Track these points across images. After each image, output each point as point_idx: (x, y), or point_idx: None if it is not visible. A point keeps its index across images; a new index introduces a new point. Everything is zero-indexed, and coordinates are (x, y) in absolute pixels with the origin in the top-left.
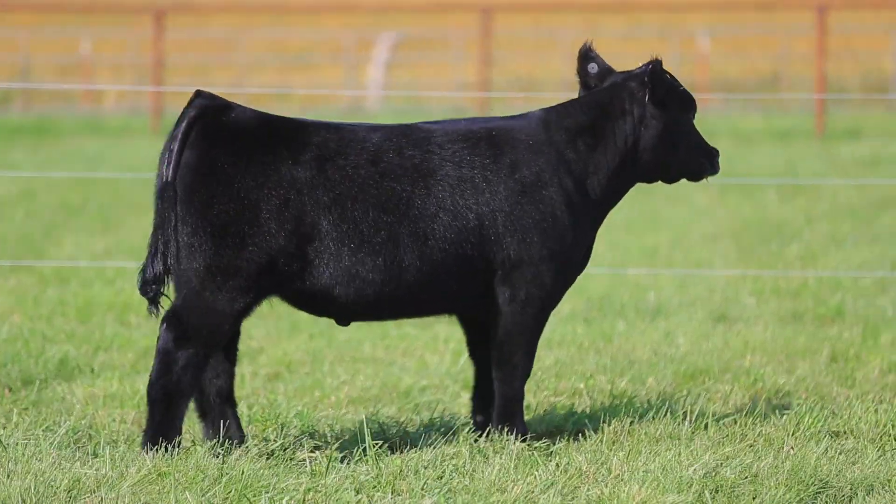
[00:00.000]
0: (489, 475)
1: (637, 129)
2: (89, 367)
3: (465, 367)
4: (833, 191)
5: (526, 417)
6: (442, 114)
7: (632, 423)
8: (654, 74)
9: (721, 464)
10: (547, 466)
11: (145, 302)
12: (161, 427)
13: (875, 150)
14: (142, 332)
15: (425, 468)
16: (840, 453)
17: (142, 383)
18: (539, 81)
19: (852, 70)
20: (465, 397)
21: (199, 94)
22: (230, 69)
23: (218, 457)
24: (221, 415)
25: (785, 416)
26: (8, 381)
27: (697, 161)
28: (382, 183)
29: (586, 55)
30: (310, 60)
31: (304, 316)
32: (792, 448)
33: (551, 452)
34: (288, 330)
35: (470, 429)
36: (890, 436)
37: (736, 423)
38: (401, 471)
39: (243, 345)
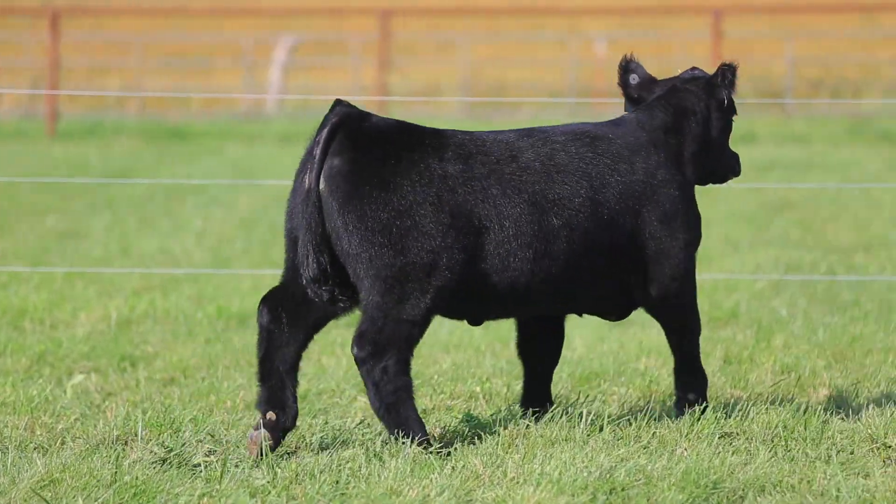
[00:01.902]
0: (385, 479)
1: (705, 130)
2: None
3: None
4: (729, 194)
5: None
6: None
7: (528, 425)
8: (733, 78)
9: (615, 465)
10: (443, 470)
11: (38, 308)
12: (401, 431)
13: (770, 155)
14: (36, 338)
15: (321, 472)
16: (732, 454)
17: (36, 389)
18: (439, 86)
19: (747, 75)
20: (362, 401)
21: (338, 102)
22: (127, 72)
23: (112, 462)
24: (281, 384)
25: (679, 418)
26: None
27: (731, 163)
28: (525, 177)
29: (627, 67)
30: (209, 64)
31: (200, 320)
32: (685, 449)
33: (447, 455)
34: (184, 335)
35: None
36: (781, 437)
37: (631, 424)
38: (296, 475)
39: (139, 350)
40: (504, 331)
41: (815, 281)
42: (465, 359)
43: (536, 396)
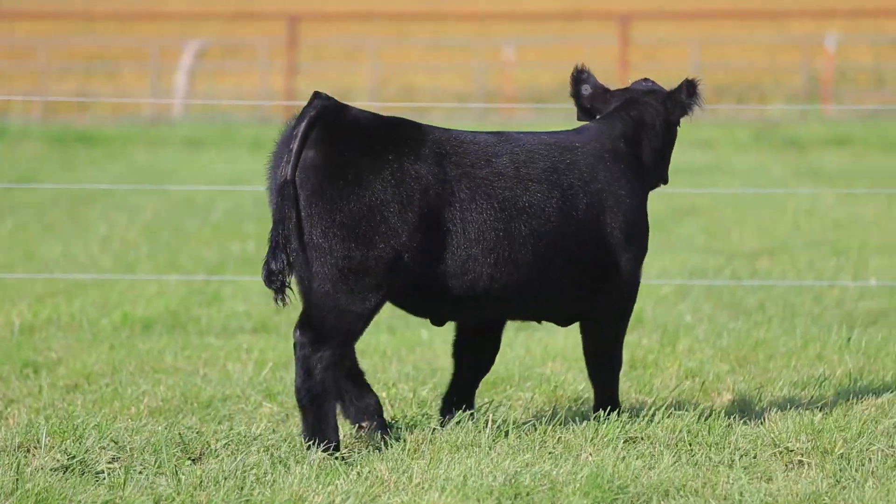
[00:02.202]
0: (290, 485)
1: (661, 142)
2: None
3: (267, 378)
4: None
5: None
6: (248, 122)
7: (433, 431)
8: (697, 93)
9: (520, 471)
10: (348, 475)
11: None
12: (316, 427)
13: (676, 160)
14: None
15: (226, 479)
16: (637, 459)
17: None
18: (347, 90)
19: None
20: (267, 407)
21: (317, 95)
22: (33, 76)
23: (13, 469)
24: (357, 391)
25: (584, 423)
26: None
27: (664, 172)
28: (496, 183)
29: (578, 77)
30: (115, 68)
31: (104, 326)
32: (590, 454)
33: (353, 461)
34: (88, 341)
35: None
36: (685, 441)
37: (536, 429)
38: (200, 482)
39: (42, 356)
40: (410, 337)
41: (720, 286)
42: (371, 364)
43: (460, 400)
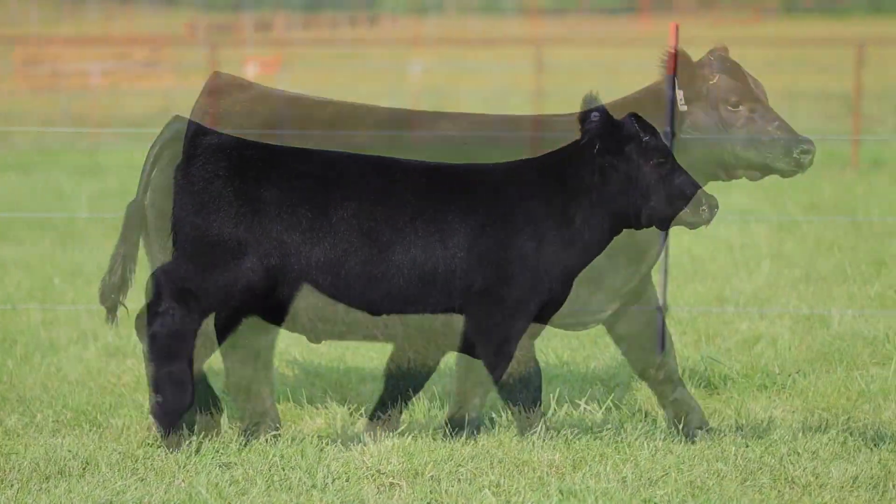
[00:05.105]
0: None
1: (597, 177)
2: None
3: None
4: None
5: None
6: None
7: None
8: (601, 126)
9: (112, 499)
10: None
11: None
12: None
13: None
14: None
15: None
16: (230, 485)
17: None
18: None
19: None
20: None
21: (176, 118)
22: None
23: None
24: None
25: (178, 450)
26: None
27: (672, 209)
28: (349, 208)
29: (589, 102)
30: None
31: None
32: (182, 481)
33: None
34: None
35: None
36: (279, 466)
37: (128, 456)
38: None
39: None
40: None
41: None
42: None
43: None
